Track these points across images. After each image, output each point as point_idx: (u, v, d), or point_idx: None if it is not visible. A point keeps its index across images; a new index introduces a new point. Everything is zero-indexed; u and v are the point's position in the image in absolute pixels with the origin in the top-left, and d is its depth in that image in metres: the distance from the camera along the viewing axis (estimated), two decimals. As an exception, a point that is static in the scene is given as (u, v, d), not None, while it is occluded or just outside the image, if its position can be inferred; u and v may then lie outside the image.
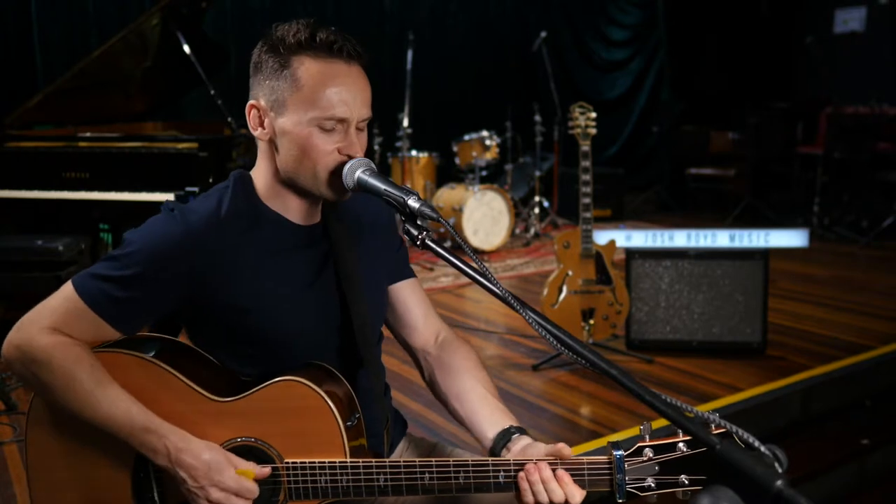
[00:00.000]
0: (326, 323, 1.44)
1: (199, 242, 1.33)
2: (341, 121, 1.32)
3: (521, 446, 1.34)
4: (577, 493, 1.25)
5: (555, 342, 1.10)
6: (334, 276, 1.45)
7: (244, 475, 1.30)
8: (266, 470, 1.32)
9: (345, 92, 1.31)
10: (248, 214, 1.38)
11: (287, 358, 1.39)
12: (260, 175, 1.41)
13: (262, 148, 1.40)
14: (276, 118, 1.34)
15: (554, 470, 1.25)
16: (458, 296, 4.97)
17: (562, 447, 1.29)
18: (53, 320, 1.31)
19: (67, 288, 1.33)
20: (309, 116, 1.31)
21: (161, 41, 4.27)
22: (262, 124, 1.37)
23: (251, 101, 1.37)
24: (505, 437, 1.37)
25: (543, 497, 1.24)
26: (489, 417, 1.42)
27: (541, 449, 1.31)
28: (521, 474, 1.26)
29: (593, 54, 9.25)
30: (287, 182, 1.38)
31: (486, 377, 1.51)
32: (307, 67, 1.31)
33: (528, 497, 1.25)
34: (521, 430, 1.38)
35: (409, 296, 1.59)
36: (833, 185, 6.88)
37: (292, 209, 1.41)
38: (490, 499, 1.42)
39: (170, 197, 3.88)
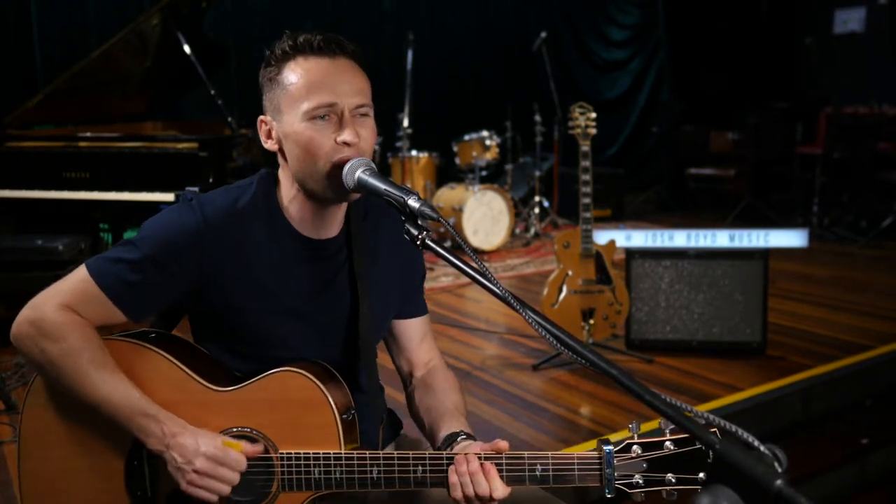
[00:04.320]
0: (325, 336, 1.45)
1: (211, 235, 1.35)
2: (331, 107, 1.33)
3: (461, 447, 1.35)
4: (500, 487, 1.26)
5: (554, 342, 1.10)
6: (346, 291, 1.45)
7: (230, 446, 1.30)
8: (258, 447, 1.32)
9: (328, 79, 1.33)
10: (262, 217, 1.40)
11: (279, 361, 1.39)
12: (282, 182, 1.44)
13: (280, 160, 1.42)
14: (278, 126, 1.38)
15: (481, 463, 1.27)
16: (458, 296, 4.97)
17: (494, 445, 1.30)
18: (66, 300, 1.33)
19: (81, 270, 1.36)
20: (300, 112, 1.33)
21: (161, 41, 4.27)
22: (270, 136, 1.40)
23: (260, 117, 1.41)
24: (449, 440, 1.39)
25: (469, 489, 1.26)
26: (445, 425, 1.44)
27: (477, 448, 1.32)
28: (451, 468, 1.28)
29: (593, 54, 9.25)
30: (300, 188, 1.39)
31: (459, 400, 1.52)
32: (293, 69, 1.35)
33: (457, 492, 1.27)
34: (471, 437, 1.39)
35: (413, 330, 1.61)
36: (833, 185, 6.88)
37: (307, 219, 1.42)
38: None
39: (170, 197, 3.88)
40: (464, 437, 1.38)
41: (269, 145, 1.40)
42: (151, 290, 1.35)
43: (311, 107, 1.32)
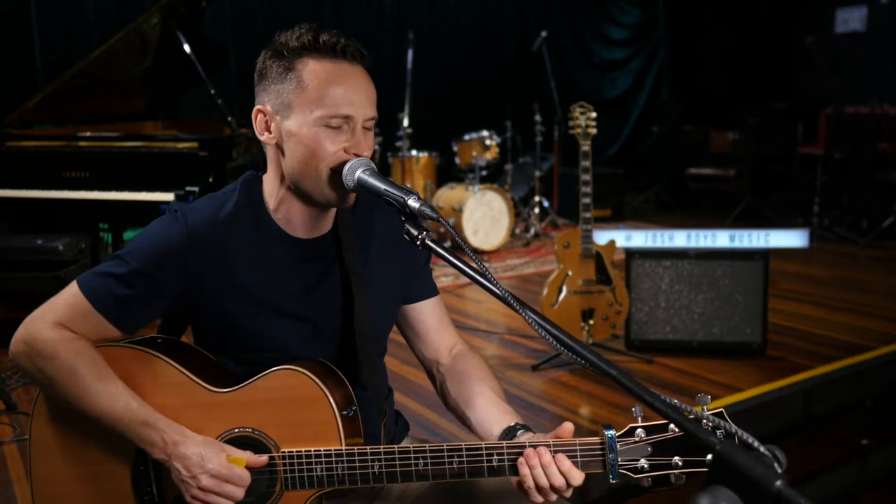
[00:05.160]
0: (321, 335, 1.44)
1: (197, 244, 1.35)
2: (347, 119, 1.31)
3: (523, 440, 1.33)
4: (578, 475, 1.25)
5: (554, 342, 1.10)
6: (339, 287, 1.44)
7: (235, 462, 1.30)
8: (262, 459, 1.32)
9: (350, 90, 1.31)
10: (249, 221, 1.39)
11: (278, 362, 1.39)
12: (268, 181, 1.42)
13: (269, 154, 1.40)
14: (282, 121, 1.34)
15: (553, 455, 1.25)
16: (458, 296, 4.97)
17: (561, 430, 1.29)
18: (58, 316, 1.34)
19: (72, 286, 1.36)
20: (315, 116, 1.31)
21: (161, 41, 4.27)
22: (268, 129, 1.37)
23: (257, 106, 1.37)
24: (509, 434, 1.37)
25: (543, 481, 1.24)
26: (496, 417, 1.42)
27: (540, 438, 1.30)
28: (521, 460, 1.26)
29: (593, 54, 9.25)
30: (292, 187, 1.38)
31: (496, 385, 1.50)
32: (311, 68, 1.31)
33: (529, 482, 1.25)
34: (527, 428, 1.37)
35: (427, 313, 1.58)
36: (833, 185, 6.88)
37: (296, 219, 1.41)
38: (489, 485, 1.42)
39: (170, 197, 3.88)
40: (520, 429, 1.36)
41: (266, 138, 1.37)
42: (141, 303, 1.36)
43: (327, 114, 1.30)
